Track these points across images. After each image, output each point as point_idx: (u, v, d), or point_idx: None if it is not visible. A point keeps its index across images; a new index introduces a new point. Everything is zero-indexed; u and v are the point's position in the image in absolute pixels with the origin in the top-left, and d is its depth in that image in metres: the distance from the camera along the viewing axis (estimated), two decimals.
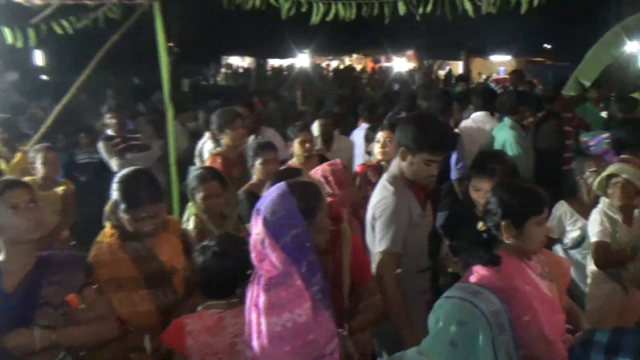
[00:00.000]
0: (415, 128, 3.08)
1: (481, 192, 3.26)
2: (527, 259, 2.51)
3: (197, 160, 5.90)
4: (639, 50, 8.88)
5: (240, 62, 34.88)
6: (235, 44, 30.96)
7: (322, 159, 4.75)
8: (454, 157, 5.46)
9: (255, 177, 4.42)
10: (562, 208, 4.14)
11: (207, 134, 5.86)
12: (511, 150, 5.26)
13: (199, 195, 3.60)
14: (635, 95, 7.08)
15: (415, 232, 3.16)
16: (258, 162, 4.36)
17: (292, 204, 2.23)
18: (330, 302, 2.31)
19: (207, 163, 4.87)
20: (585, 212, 3.97)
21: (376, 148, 4.60)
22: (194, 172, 3.80)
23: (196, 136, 6.96)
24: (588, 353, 2.14)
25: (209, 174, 3.67)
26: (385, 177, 3.25)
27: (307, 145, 4.97)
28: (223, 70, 31.34)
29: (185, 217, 3.77)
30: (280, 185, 2.32)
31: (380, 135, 4.60)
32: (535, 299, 2.34)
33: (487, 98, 6.35)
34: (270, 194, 2.30)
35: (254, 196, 3.37)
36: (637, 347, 2.05)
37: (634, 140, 4.31)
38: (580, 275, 3.97)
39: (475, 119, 6.22)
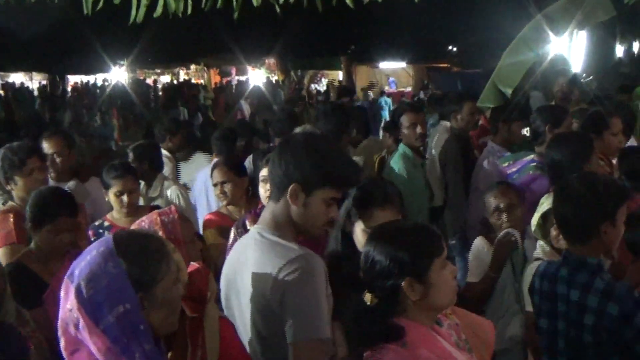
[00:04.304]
0: (313, 156, 2.87)
1: None
2: (437, 323, 2.57)
3: None
4: (570, 50, 9.63)
5: (25, 80, 33.90)
6: (17, 55, 30.06)
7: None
8: None
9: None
10: (478, 243, 4.33)
11: None
12: (398, 179, 5.54)
13: None
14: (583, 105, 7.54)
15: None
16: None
17: (119, 268, 2.13)
18: None
19: None
20: None
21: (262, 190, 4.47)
22: None
23: None
24: None
25: None
26: (268, 230, 2.93)
27: (126, 198, 4.80)
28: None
29: None
30: (105, 240, 2.21)
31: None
32: None
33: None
34: (89, 253, 2.18)
35: None
36: None
37: (572, 163, 4.39)
38: None
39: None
